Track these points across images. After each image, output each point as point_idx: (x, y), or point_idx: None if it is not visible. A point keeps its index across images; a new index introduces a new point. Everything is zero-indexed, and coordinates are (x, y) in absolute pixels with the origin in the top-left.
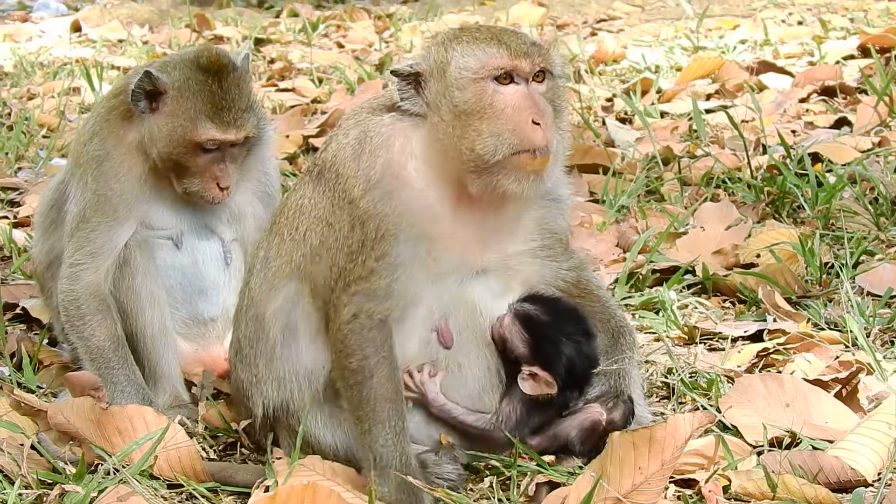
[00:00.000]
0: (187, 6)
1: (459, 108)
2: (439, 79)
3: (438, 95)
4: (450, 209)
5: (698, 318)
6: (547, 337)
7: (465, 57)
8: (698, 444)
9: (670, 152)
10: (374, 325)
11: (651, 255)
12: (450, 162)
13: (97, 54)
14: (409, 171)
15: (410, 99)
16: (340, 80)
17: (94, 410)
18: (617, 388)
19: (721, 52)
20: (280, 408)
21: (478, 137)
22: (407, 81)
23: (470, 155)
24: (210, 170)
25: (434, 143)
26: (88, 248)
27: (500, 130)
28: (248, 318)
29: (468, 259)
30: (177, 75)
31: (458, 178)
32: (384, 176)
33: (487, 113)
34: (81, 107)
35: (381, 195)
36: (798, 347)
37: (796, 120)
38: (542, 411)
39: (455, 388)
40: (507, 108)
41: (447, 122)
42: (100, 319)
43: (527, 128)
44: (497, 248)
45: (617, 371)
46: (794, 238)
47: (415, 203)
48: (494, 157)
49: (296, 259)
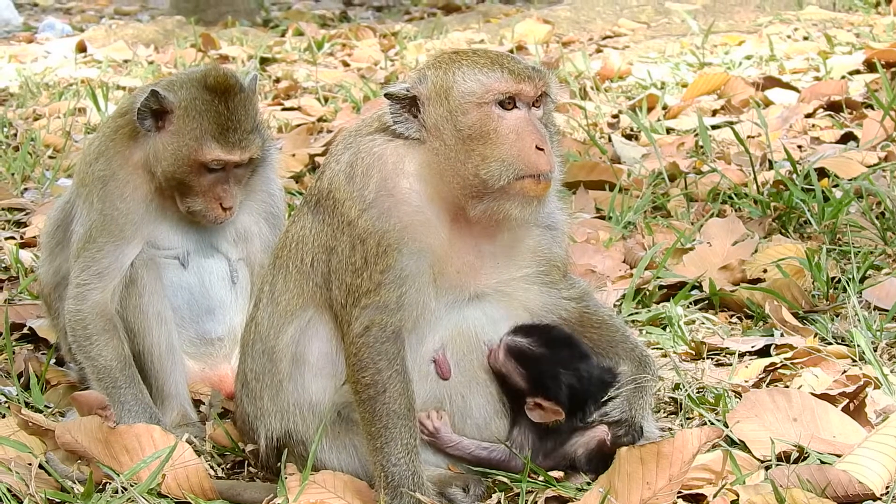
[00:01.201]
0: (192, 26)
1: (463, 132)
2: (440, 103)
3: (440, 120)
4: (446, 230)
5: (705, 333)
6: (544, 370)
7: (469, 81)
8: (706, 459)
9: (676, 168)
10: (387, 338)
11: (658, 271)
12: (447, 186)
13: (102, 74)
14: (404, 188)
15: (405, 123)
16: (346, 99)
17: (102, 429)
18: (632, 419)
19: (727, 67)
20: (283, 437)
21: (482, 163)
22: (401, 105)
23: (473, 180)
24: (214, 190)
25: (431, 165)
26: (95, 267)
27: (504, 156)
28: (255, 352)
29: (464, 282)
30: (183, 94)
31: (455, 202)
32: (379, 194)
33: (491, 138)
34: (87, 127)
35: (377, 213)
36: (805, 362)
37: (802, 135)
38: (554, 435)
39: (461, 420)
40: (511, 134)
41: (449, 147)
42: (107, 339)
43: (531, 153)
44: (493, 273)
45: (635, 403)
46: (800, 253)
47: (413, 218)
48: (499, 182)
49: (308, 290)
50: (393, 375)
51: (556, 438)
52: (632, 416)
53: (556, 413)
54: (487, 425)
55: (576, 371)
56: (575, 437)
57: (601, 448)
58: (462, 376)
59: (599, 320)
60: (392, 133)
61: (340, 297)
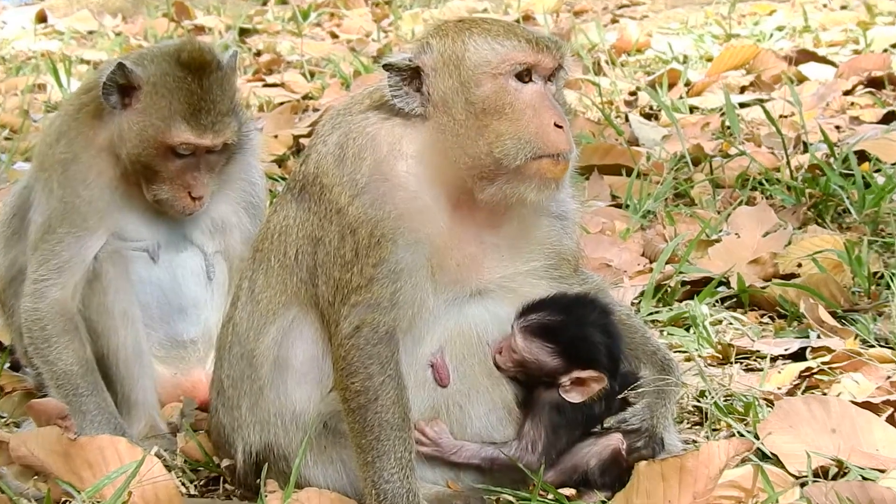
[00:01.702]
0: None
1: (476, 106)
2: (450, 74)
3: (449, 92)
4: (446, 217)
5: (733, 334)
6: (573, 337)
7: (483, 50)
8: (734, 475)
9: (701, 151)
10: (379, 339)
11: (680, 266)
12: (453, 167)
13: (65, 47)
14: (400, 172)
15: (405, 97)
16: (334, 74)
17: (61, 441)
18: (652, 429)
19: (756, 39)
20: (263, 450)
21: (496, 140)
22: (402, 77)
23: (485, 160)
24: (182, 177)
25: (435, 145)
26: (54, 261)
27: (521, 133)
28: (232, 356)
29: (465, 276)
30: (153, 69)
31: (459, 186)
32: (372, 179)
33: (507, 113)
34: (47, 105)
35: (370, 200)
36: (845, 367)
37: (840, 114)
38: (569, 429)
39: (459, 431)
40: (528, 109)
41: (458, 123)
42: (67, 341)
43: (550, 131)
44: (497, 266)
45: (656, 411)
46: (839, 245)
47: (410, 205)
48: (515, 161)
49: (292, 286)
50: (386, 381)
51: (570, 433)
52: (653, 426)
53: (598, 381)
54: (490, 436)
55: (602, 326)
56: (587, 447)
57: (616, 458)
58: (462, 383)
59: (616, 319)
60: (388, 110)
61: (328, 294)
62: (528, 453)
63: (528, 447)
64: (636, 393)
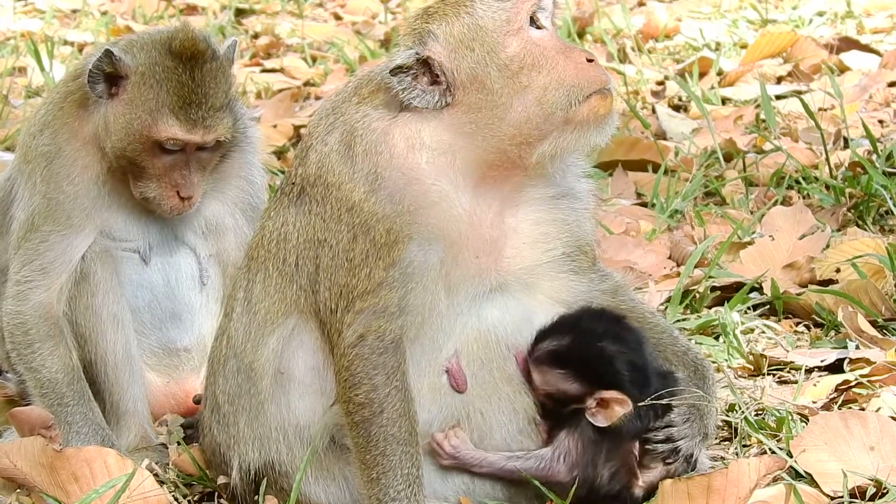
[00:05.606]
0: None
1: (511, 68)
2: (469, 49)
3: (476, 67)
4: (467, 201)
5: (766, 344)
6: (585, 355)
7: (493, 11)
8: (765, 495)
9: (733, 146)
10: (385, 348)
11: (710, 270)
12: (489, 143)
13: (47, 27)
14: (421, 164)
15: (423, 95)
16: (338, 59)
17: (46, 453)
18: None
19: (795, 25)
20: (262, 468)
21: (544, 94)
22: (412, 74)
23: (535, 119)
24: (170, 175)
25: (462, 127)
26: (38, 262)
27: (564, 79)
28: (227, 370)
29: (484, 269)
30: (142, 58)
31: (488, 161)
32: (389, 174)
33: (542, 64)
34: (28, 90)
35: (388, 194)
36: (885, 380)
37: (884, 108)
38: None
39: (479, 441)
40: (558, 55)
41: (496, 92)
42: (51, 347)
43: (588, 68)
44: (517, 256)
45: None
46: (880, 249)
47: (428, 197)
48: (570, 108)
49: (291, 294)
50: (392, 393)
51: (614, 441)
52: (684, 441)
53: (621, 403)
54: (510, 447)
55: (615, 337)
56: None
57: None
58: (480, 388)
59: (640, 319)
60: (399, 105)
61: (330, 302)
62: (558, 463)
63: (561, 458)
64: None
